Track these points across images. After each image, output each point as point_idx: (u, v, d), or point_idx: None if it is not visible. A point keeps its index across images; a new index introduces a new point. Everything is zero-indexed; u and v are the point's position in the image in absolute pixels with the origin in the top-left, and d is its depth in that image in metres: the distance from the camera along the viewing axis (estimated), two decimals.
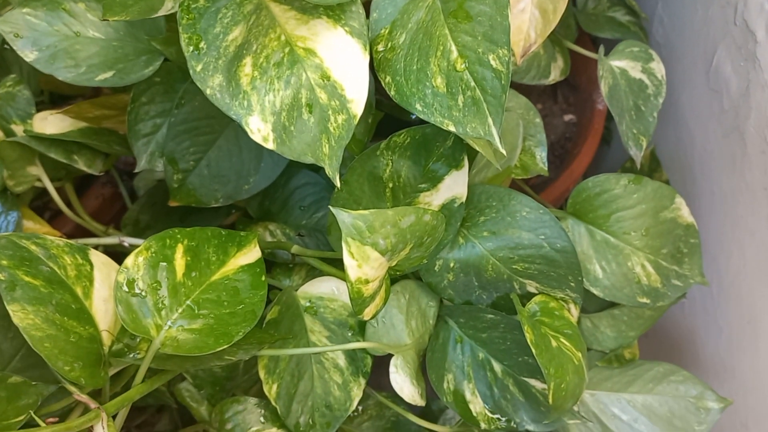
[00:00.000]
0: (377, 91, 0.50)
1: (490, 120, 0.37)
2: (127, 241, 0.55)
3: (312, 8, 0.37)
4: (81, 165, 0.53)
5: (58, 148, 0.52)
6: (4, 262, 0.36)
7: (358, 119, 0.37)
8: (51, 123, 0.55)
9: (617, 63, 0.58)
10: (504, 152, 0.37)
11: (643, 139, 0.57)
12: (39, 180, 0.55)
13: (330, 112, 0.37)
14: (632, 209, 0.54)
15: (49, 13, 0.49)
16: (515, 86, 0.63)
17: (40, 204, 0.68)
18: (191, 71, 0.36)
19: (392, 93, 0.40)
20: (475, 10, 0.38)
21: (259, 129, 0.36)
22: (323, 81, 0.37)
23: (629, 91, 0.57)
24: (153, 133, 0.52)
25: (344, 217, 0.36)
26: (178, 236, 0.40)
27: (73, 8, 0.49)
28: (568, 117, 0.85)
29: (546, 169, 0.57)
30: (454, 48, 0.38)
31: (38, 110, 0.57)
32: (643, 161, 0.80)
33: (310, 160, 0.37)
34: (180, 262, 0.39)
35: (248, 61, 0.36)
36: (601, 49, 0.58)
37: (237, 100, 0.36)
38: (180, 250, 0.39)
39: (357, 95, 0.37)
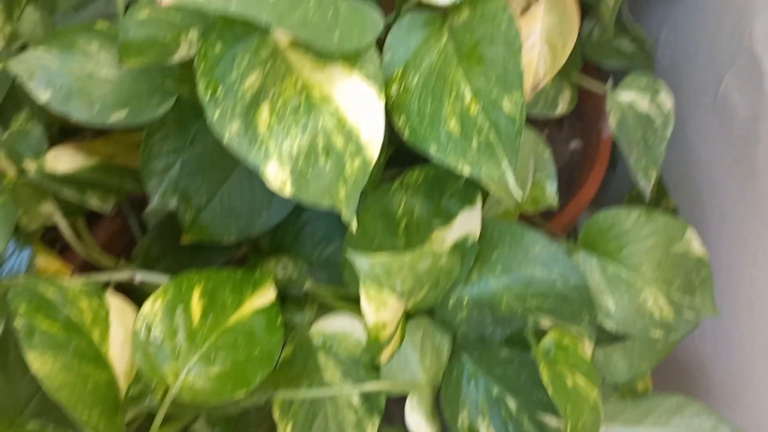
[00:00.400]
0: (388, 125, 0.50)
1: (504, 163, 0.38)
2: (139, 276, 0.55)
3: (327, 54, 0.38)
4: (94, 203, 0.53)
5: (72, 187, 0.53)
6: (22, 309, 0.36)
7: (373, 163, 0.38)
8: (63, 160, 0.55)
9: (625, 96, 0.58)
10: (518, 196, 0.37)
11: (652, 172, 0.58)
12: (52, 216, 0.56)
13: (346, 157, 0.37)
14: (643, 243, 0.54)
15: (63, 53, 0.49)
16: None
17: (50, 237, 0.69)
18: (208, 118, 0.36)
19: (406, 134, 0.41)
20: (488, 54, 0.38)
21: (277, 174, 0.36)
22: (339, 126, 0.37)
23: (637, 124, 0.57)
24: (166, 171, 0.52)
25: (362, 263, 0.36)
26: (195, 279, 0.40)
27: (87, 47, 0.49)
28: (573, 144, 0.86)
29: (556, 202, 0.57)
30: (467, 91, 0.39)
31: (49, 144, 0.58)
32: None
33: (326, 206, 0.37)
34: (197, 305, 0.39)
35: (265, 107, 0.37)
36: (609, 82, 0.58)
37: (254, 146, 0.36)
38: (197, 293, 0.40)
39: (373, 139, 0.37)
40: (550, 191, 0.57)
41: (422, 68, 0.41)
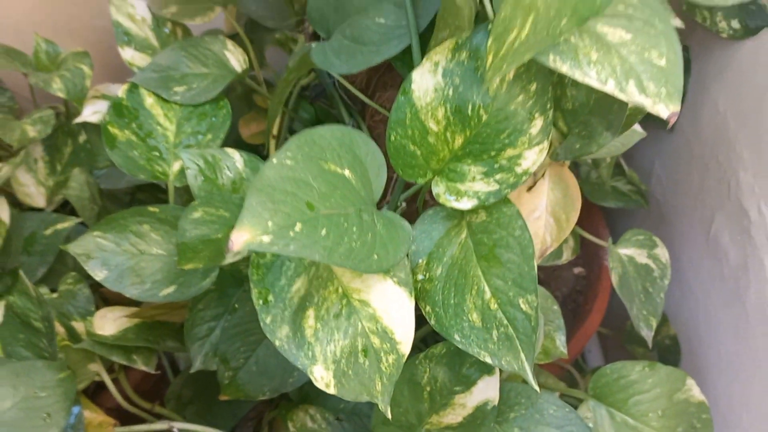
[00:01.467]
0: None
1: (522, 356, 0.42)
2: (177, 426, 0.59)
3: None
4: (139, 364, 0.58)
5: (119, 351, 0.57)
6: None
7: (406, 357, 0.42)
8: (109, 321, 0.60)
9: (625, 251, 0.64)
10: (533, 383, 0.42)
11: (653, 320, 0.62)
12: (98, 375, 0.60)
13: (382, 354, 0.42)
14: (648, 393, 0.59)
15: (117, 235, 0.55)
16: None
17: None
18: (261, 323, 0.41)
19: (432, 322, 0.45)
20: (505, 257, 0.44)
21: (323, 377, 0.40)
22: (376, 327, 0.42)
23: (637, 276, 0.62)
24: (207, 336, 0.57)
25: None
26: None
27: (139, 229, 0.55)
28: (577, 270, 0.91)
29: (566, 352, 0.61)
30: (487, 289, 0.44)
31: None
32: None
33: (365, 399, 0.41)
34: None
35: (311, 312, 0.41)
36: (610, 240, 0.64)
37: (302, 350, 0.41)
38: None
39: (405, 337, 0.42)
40: (560, 343, 0.61)
41: (444, 260, 0.46)
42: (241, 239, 0.34)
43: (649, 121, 0.82)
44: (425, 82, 0.41)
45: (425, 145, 0.43)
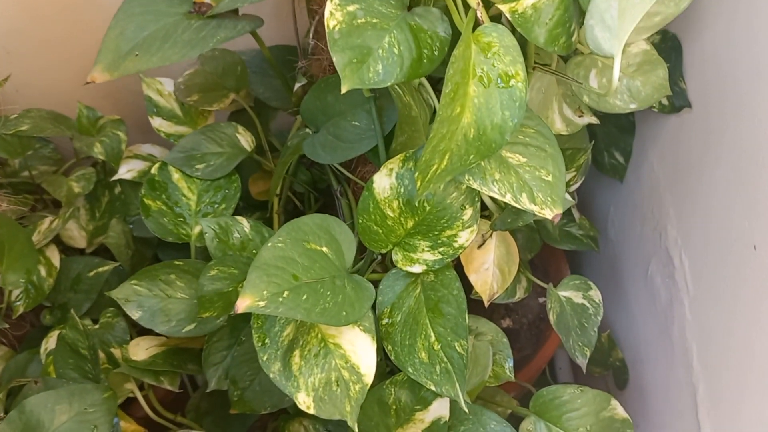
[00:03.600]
0: None
1: (457, 386, 0.56)
2: None
3: None
4: (166, 384, 0.72)
5: (150, 374, 0.71)
6: None
7: (369, 385, 0.56)
8: (142, 349, 0.74)
9: (563, 293, 0.77)
10: (465, 408, 0.55)
11: (587, 350, 0.76)
12: (132, 392, 0.74)
13: (350, 384, 0.56)
14: (578, 411, 0.72)
15: (149, 283, 0.69)
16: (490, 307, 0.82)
17: None
18: (259, 360, 0.55)
19: (392, 357, 0.59)
20: (446, 310, 0.57)
21: (304, 401, 0.54)
22: (346, 364, 0.56)
23: (574, 314, 0.76)
24: (221, 362, 0.71)
25: None
26: None
27: (167, 278, 0.69)
28: (541, 299, 1.04)
29: (512, 376, 0.75)
30: (432, 334, 0.58)
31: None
32: (603, 341, 0.98)
33: (337, 417, 0.55)
34: None
35: (297, 353, 0.55)
36: (550, 284, 0.77)
37: (290, 381, 0.54)
38: None
39: (368, 371, 0.56)
40: (508, 368, 0.75)
41: (403, 309, 0.60)
42: (244, 304, 0.48)
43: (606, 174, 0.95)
44: (383, 182, 0.55)
45: (385, 226, 0.57)
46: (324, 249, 0.54)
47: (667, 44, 0.78)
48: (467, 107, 0.44)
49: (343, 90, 0.41)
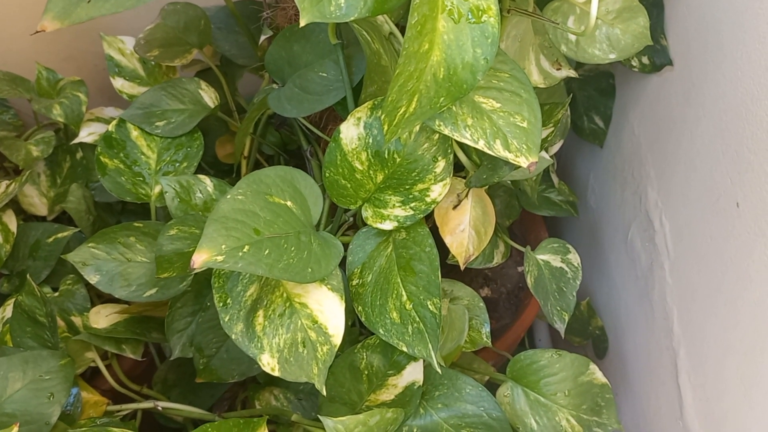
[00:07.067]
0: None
1: (430, 346, 0.53)
2: (161, 405, 0.70)
3: None
4: (128, 353, 0.69)
5: (111, 341, 0.68)
6: None
7: (338, 347, 0.53)
8: (103, 316, 0.71)
9: (541, 256, 0.75)
10: (438, 368, 0.53)
11: (565, 315, 0.73)
12: (93, 361, 0.71)
13: (318, 345, 0.53)
14: (556, 375, 0.70)
15: (108, 246, 0.65)
16: (465, 271, 0.80)
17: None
18: (221, 321, 0.52)
19: (363, 319, 0.57)
20: (418, 268, 0.55)
21: (269, 362, 0.51)
22: (313, 324, 0.53)
23: (552, 278, 0.73)
24: (185, 329, 0.68)
25: (329, 422, 0.51)
26: (209, 428, 0.55)
27: (126, 241, 0.66)
28: (521, 268, 1.02)
29: (489, 342, 0.72)
30: (404, 293, 0.55)
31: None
32: (582, 309, 0.96)
33: (304, 380, 0.52)
34: None
35: (261, 313, 0.53)
36: (528, 247, 0.75)
37: (253, 342, 0.52)
38: None
39: (337, 331, 0.53)
40: (485, 333, 0.73)
41: (374, 269, 0.57)
42: (200, 259, 0.45)
43: (586, 139, 0.93)
44: (350, 132, 0.52)
45: (354, 180, 0.54)
46: (288, 203, 0.51)
47: (649, 0, 0.75)
48: (436, 44, 0.41)
49: (302, 23, 0.38)
